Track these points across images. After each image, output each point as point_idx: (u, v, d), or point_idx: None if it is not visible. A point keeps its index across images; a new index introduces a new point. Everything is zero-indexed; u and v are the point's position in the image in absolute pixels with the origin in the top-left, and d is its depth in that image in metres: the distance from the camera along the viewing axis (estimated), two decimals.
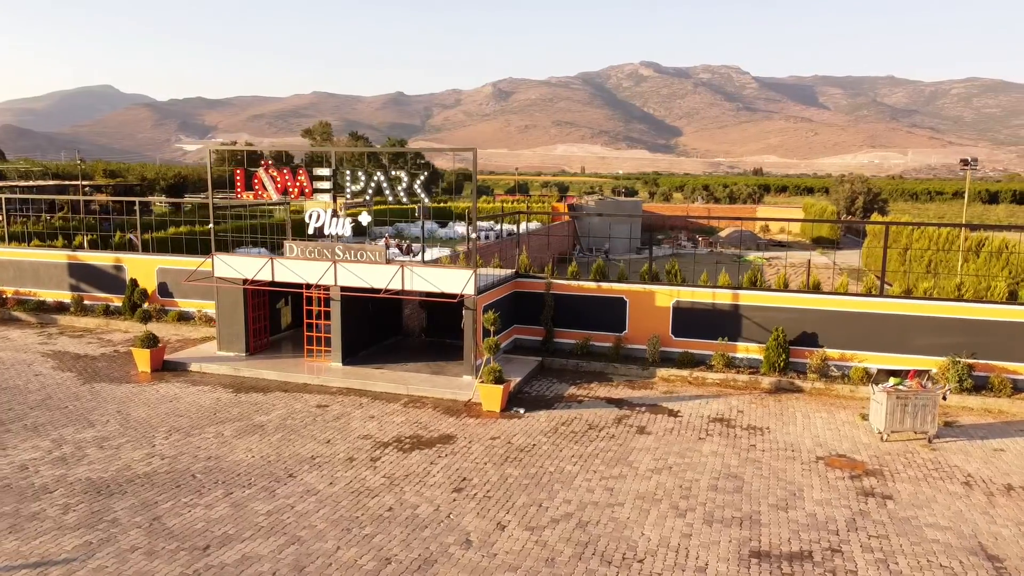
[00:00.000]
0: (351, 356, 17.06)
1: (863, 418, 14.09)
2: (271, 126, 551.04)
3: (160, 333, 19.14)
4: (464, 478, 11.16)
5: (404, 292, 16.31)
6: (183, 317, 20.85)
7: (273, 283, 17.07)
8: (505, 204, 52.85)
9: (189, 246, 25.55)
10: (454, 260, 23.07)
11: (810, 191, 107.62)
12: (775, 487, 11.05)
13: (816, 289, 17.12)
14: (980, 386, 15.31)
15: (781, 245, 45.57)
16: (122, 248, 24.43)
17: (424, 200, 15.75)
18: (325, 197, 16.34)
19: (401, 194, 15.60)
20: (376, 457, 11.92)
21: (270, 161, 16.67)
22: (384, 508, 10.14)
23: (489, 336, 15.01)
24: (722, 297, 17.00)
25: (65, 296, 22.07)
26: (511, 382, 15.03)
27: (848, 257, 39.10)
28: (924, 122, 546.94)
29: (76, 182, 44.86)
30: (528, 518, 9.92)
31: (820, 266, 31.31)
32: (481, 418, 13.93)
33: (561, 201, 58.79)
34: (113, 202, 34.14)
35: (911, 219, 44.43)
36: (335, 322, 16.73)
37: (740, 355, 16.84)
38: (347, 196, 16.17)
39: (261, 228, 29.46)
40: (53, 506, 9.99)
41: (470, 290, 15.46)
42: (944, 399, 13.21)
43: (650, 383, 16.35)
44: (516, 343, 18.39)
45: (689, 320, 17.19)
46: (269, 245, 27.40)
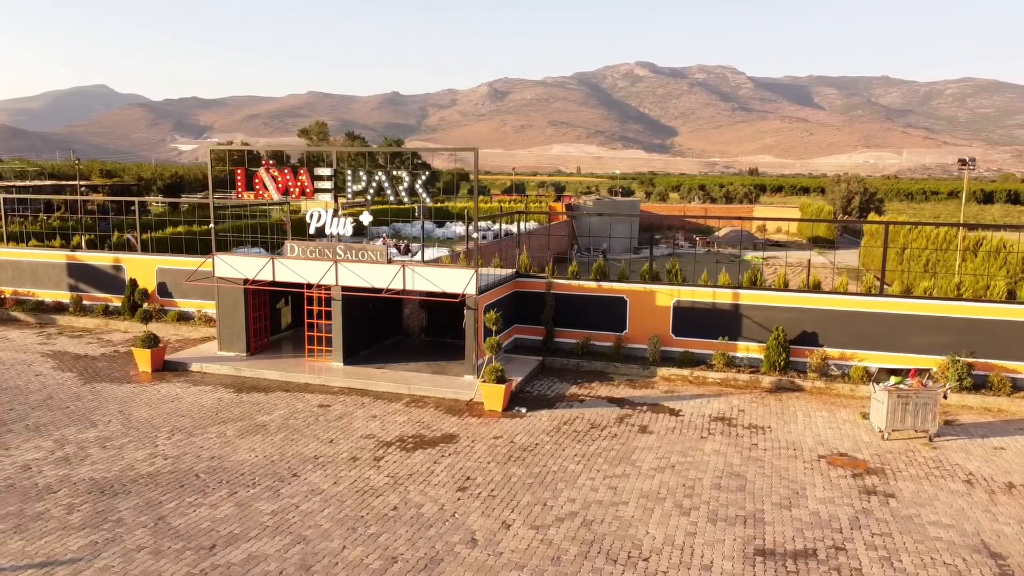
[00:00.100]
0: (352, 356, 17.06)
1: (864, 417, 14.14)
2: (266, 126, 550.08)
3: (160, 333, 19.11)
4: (468, 477, 11.18)
5: (405, 292, 16.31)
6: (183, 317, 20.83)
7: (274, 283, 17.07)
8: (504, 204, 52.90)
9: (187, 246, 25.53)
10: (454, 260, 23.09)
11: (806, 191, 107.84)
12: (778, 486, 11.09)
13: (816, 288, 17.16)
14: (979, 385, 15.38)
15: (778, 245, 45.66)
16: (120, 248, 24.40)
17: (426, 200, 15.78)
18: (326, 197, 16.35)
19: (402, 193, 15.63)
20: (379, 456, 11.93)
21: (271, 161, 16.68)
22: (389, 507, 10.15)
23: (491, 335, 15.03)
24: (722, 297, 17.05)
25: (64, 296, 22.03)
26: (513, 381, 15.05)
27: (845, 257, 39.23)
28: (919, 122, 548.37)
29: (72, 182, 44.75)
30: (533, 517, 9.94)
31: (817, 266, 31.36)
32: (483, 417, 13.95)
33: (558, 201, 58.83)
34: (110, 202, 34.08)
35: (908, 219, 44.59)
36: (336, 322, 16.73)
37: (740, 354, 16.89)
38: (348, 196, 16.18)
39: (259, 228, 29.46)
40: (57, 506, 9.98)
41: (471, 290, 15.48)
42: (945, 398, 13.27)
43: (651, 382, 16.39)
44: (516, 343, 18.41)
45: (689, 319, 17.23)
46: (268, 245, 27.40)
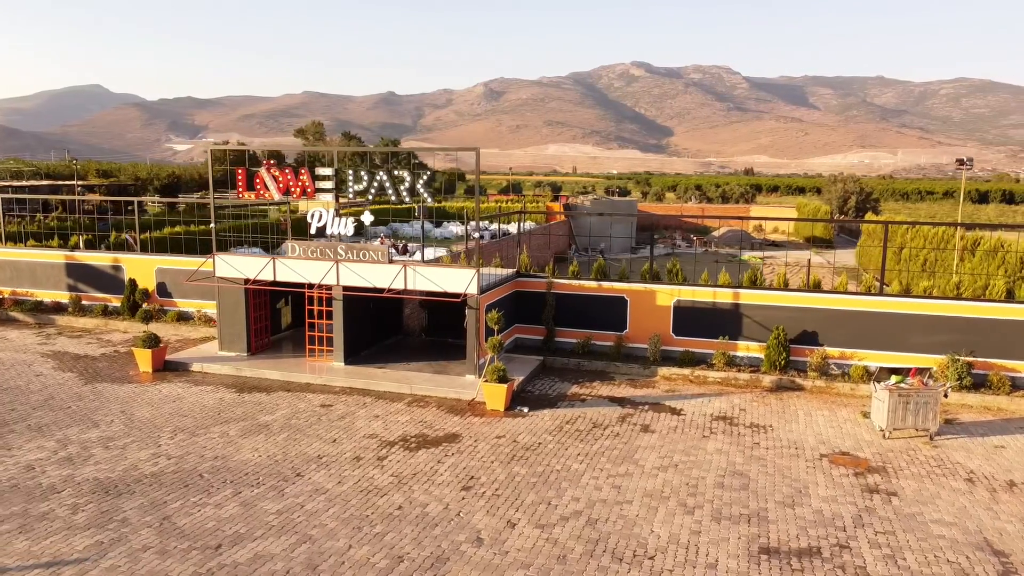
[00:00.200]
0: (353, 356, 17.05)
1: (864, 416, 14.19)
2: (262, 126, 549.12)
3: (159, 333, 19.05)
4: (472, 476, 11.20)
5: (406, 292, 16.32)
6: (182, 317, 20.80)
7: (274, 283, 17.06)
8: (502, 204, 52.91)
9: (185, 246, 25.51)
10: (455, 260, 23.11)
11: (801, 191, 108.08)
12: (780, 484, 11.14)
13: (816, 288, 17.22)
14: (979, 384, 15.45)
15: (775, 245, 45.77)
16: (119, 248, 24.36)
17: (427, 199, 15.79)
18: (327, 197, 16.36)
19: (404, 193, 15.64)
20: (383, 456, 11.94)
21: (272, 161, 16.67)
22: (394, 507, 10.16)
23: (492, 335, 15.04)
24: (723, 296, 17.09)
25: (63, 296, 21.98)
26: (515, 381, 15.07)
27: (842, 257, 39.33)
28: (913, 122, 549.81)
29: (69, 182, 44.65)
30: (538, 516, 9.97)
31: (815, 265, 31.42)
32: (485, 417, 13.97)
33: (555, 201, 58.87)
34: (107, 202, 34.02)
35: (904, 219, 44.74)
36: (337, 322, 16.73)
37: (741, 354, 16.93)
38: (350, 195, 16.19)
39: (257, 228, 29.45)
40: (62, 506, 9.98)
41: (473, 289, 15.49)
42: (945, 396, 13.32)
43: (652, 382, 16.43)
44: (517, 342, 18.43)
45: (690, 319, 17.27)
46: (266, 245, 27.40)
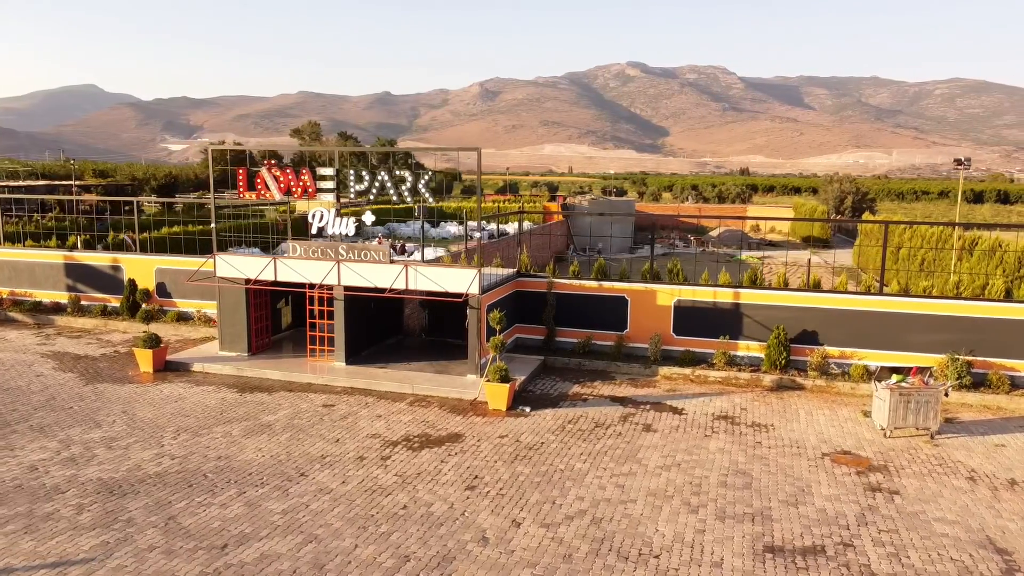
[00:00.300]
0: (354, 356, 17.06)
1: (865, 415, 14.25)
2: (257, 126, 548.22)
3: (159, 333, 18.99)
4: (476, 476, 11.21)
5: (408, 292, 16.32)
6: (182, 317, 20.77)
7: (275, 283, 17.05)
8: (500, 204, 52.94)
9: (181, 246, 25.47)
10: (455, 260, 23.12)
11: (797, 191, 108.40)
12: (783, 483, 11.18)
13: (816, 288, 17.27)
14: (978, 383, 15.52)
15: (772, 245, 45.88)
16: (117, 248, 24.33)
17: (428, 200, 15.81)
18: (328, 197, 16.36)
19: (405, 193, 15.66)
20: (386, 456, 11.95)
21: (273, 161, 16.67)
22: (399, 506, 10.18)
23: (494, 335, 15.06)
24: (723, 296, 17.13)
25: (62, 296, 21.93)
26: (516, 381, 15.09)
27: (839, 256, 39.43)
28: (908, 122, 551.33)
29: (65, 182, 44.55)
30: (543, 515, 9.99)
31: (813, 265, 31.48)
32: (488, 417, 13.98)
33: (552, 201, 58.94)
34: (103, 202, 33.95)
35: (901, 218, 44.87)
36: (338, 322, 16.73)
37: (741, 353, 16.98)
38: (351, 195, 16.19)
39: (255, 228, 29.43)
40: (66, 506, 9.97)
41: (474, 289, 15.51)
42: (946, 395, 13.38)
43: (653, 381, 16.46)
44: (518, 342, 18.45)
45: (690, 319, 17.31)
46: (262, 245, 27.38)
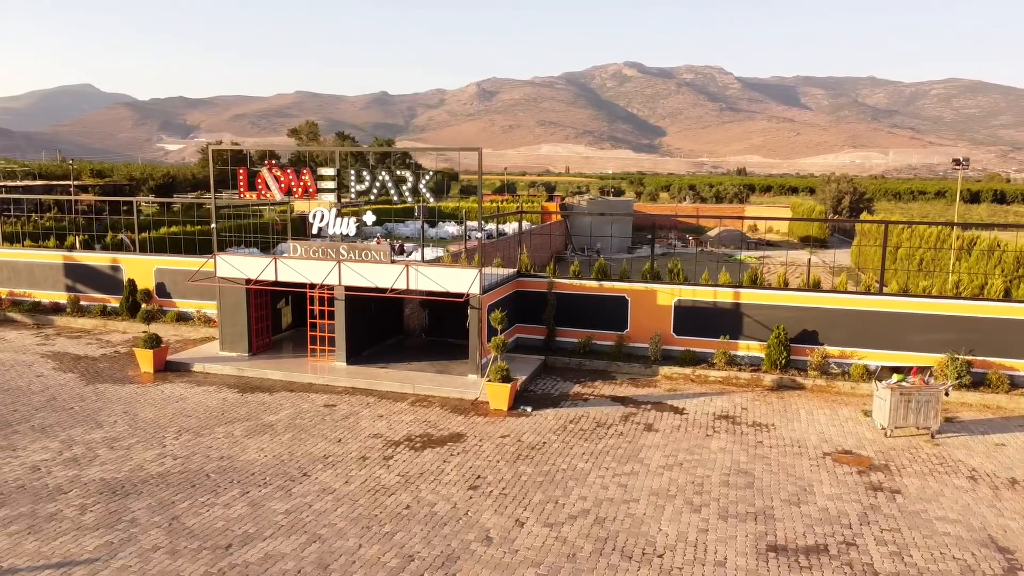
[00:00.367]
0: (355, 356, 17.06)
1: (865, 414, 14.29)
2: (254, 126, 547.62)
3: (159, 333, 19.00)
4: (478, 476, 11.23)
5: (408, 292, 16.33)
6: (181, 317, 20.75)
7: (276, 283, 17.04)
8: (499, 204, 52.97)
9: (181, 246, 25.45)
10: (455, 260, 23.13)
11: (794, 191, 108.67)
12: (785, 482, 11.21)
13: (816, 288, 17.31)
14: (978, 382, 15.57)
15: (771, 244, 45.95)
16: (115, 248, 24.30)
17: (429, 200, 15.82)
18: (329, 197, 16.36)
19: (406, 193, 15.67)
20: (389, 456, 11.96)
21: (274, 161, 16.66)
22: (402, 506, 10.19)
23: (495, 335, 15.07)
24: (723, 296, 17.16)
25: (61, 297, 21.90)
26: (518, 381, 15.10)
27: (838, 256, 39.51)
28: (904, 122, 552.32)
29: (63, 182, 44.48)
30: (546, 515, 10.01)
31: (811, 265, 31.56)
32: (489, 416, 14.00)
33: (550, 201, 58.96)
34: (101, 202, 33.90)
35: (899, 218, 44.95)
36: (339, 322, 16.72)
37: (742, 353, 17.01)
38: (352, 196, 16.19)
39: (253, 228, 29.41)
40: (70, 507, 9.96)
41: (476, 289, 15.52)
42: (947, 395, 13.43)
43: (653, 381, 16.49)
44: (518, 342, 18.46)
45: (691, 318, 17.34)
46: (260, 245, 27.36)
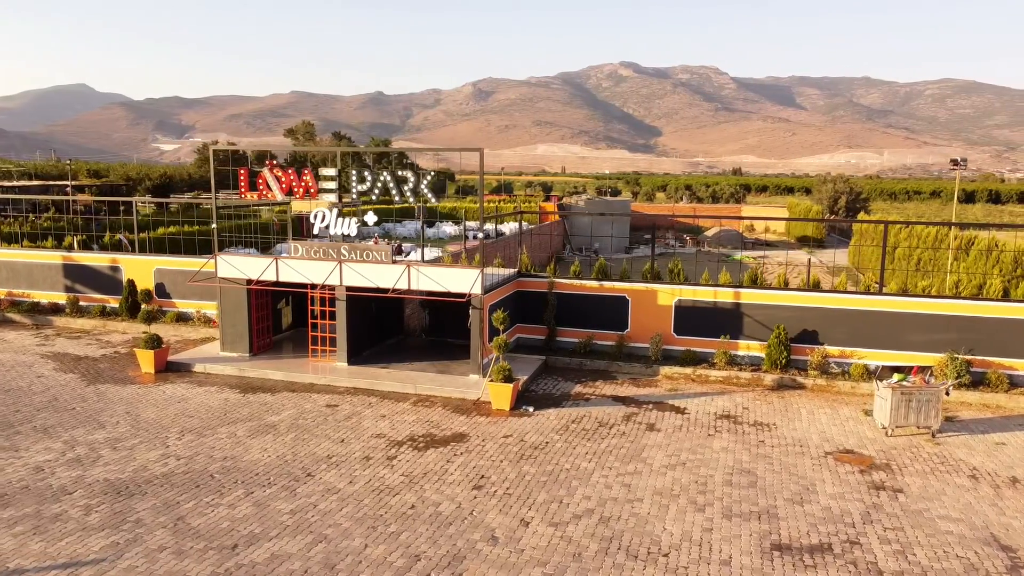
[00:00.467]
0: (356, 356, 17.06)
1: (866, 414, 14.34)
2: (249, 126, 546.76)
3: (159, 334, 18.98)
4: (482, 476, 11.25)
5: (410, 292, 16.34)
6: (181, 318, 20.72)
7: (277, 283, 17.04)
8: (497, 204, 53.00)
9: (179, 246, 25.41)
10: (456, 260, 23.14)
11: (790, 191, 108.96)
12: (788, 482, 11.25)
13: (816, 287, 17.36)
14: (978, 382, 15.64)
15: (768, 244, 46.05)
16: (114, 248, 24.25)
17: (431, 200, 15.84)
18: (330, 197, 16.37)
19: (408, 193, 15.68)
20: (392, 456, 11.97)
21: (275, 161, 16.66)
22: (407, 506, 10.20)
23: (497, 335, 15.09)
24: (723, 296, 17.21)
25: (60, 297, 21.85)
26: (520, 380, 15.12)
27: (835, 256, 39.58)
28: (899, 122, 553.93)
29: (59, 182, 44.38)
30: (550, 514, 10.03)
31: (806, 265, 31.61)
32: (491, 416, 14.02)
33: (547, 201, 59.01)
34: (99, 202, 33.83)
35: (896, 218, 45.07)
36: (340, 322, 16.72)
37: (742, 353, 17.05)
38: (353, 196, 16.20)
39: (251, 228, 29.38)
40: (74, 507, 9.96)
41: (477, 289, 15.54)
42: (947, 394, 13.49)
43: (654, 381, 16.52)
44: (519, 342, 18.48)
45: (691, 318, 17.38)
46: (259, 246, 27.33)
